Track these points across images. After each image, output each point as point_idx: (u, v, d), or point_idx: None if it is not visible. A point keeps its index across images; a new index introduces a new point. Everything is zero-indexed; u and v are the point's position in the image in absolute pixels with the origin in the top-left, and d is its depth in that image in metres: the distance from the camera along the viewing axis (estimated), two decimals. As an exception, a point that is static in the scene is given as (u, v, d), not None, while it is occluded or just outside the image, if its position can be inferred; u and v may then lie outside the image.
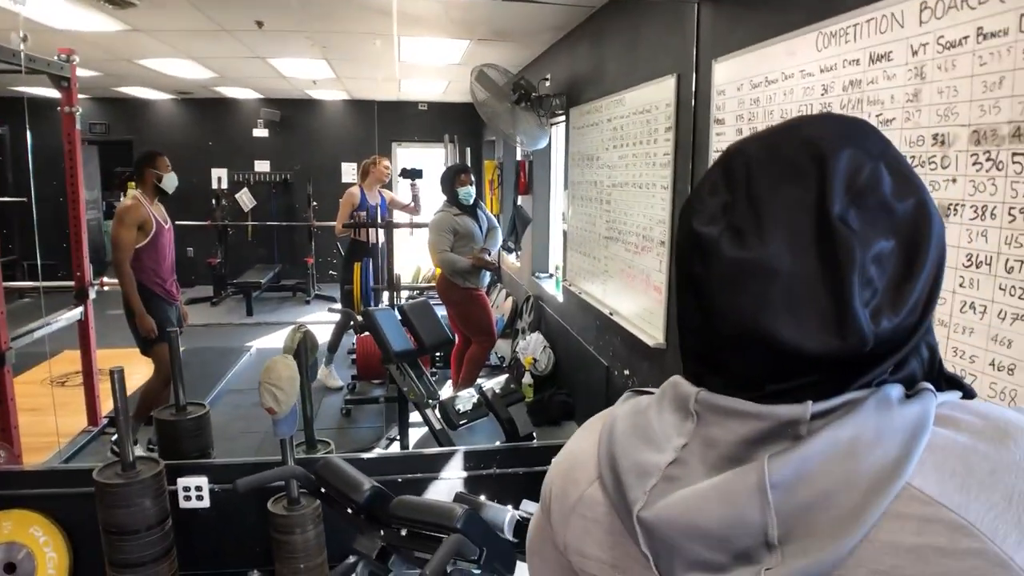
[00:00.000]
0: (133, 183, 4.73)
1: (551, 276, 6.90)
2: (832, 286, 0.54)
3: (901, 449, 0.54)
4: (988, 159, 1.56)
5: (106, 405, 4.80)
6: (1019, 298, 1.49)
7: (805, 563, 0.53)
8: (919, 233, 0.58)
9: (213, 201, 9.88)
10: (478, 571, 1.79)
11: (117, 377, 2.30)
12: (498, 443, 3.79)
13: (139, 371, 5.30)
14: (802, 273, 0.55)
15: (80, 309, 4.55)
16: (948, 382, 0.62)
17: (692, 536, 0.57)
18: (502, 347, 6.78)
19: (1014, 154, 1.49)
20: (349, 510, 1.99)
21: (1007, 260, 1.51)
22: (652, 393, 0.71)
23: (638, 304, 3.96)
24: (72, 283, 4.62)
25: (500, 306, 8.04)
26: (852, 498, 0.53)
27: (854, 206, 0.56)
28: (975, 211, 1.60)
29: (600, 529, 0.69)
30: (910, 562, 0.52)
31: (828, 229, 0.55)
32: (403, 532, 1.80)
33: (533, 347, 5.95)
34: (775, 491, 0.55)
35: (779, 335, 0.55)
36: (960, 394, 0.61)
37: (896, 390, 0.57)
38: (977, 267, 1.59)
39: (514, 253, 7.70)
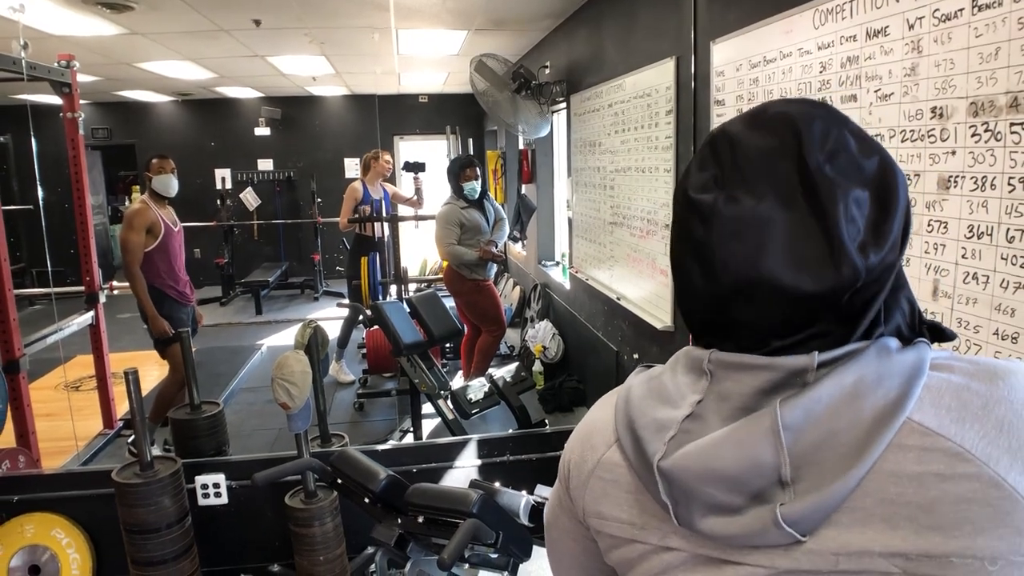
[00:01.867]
0: (137, 187, 4.76)
1: (557, 264, 6.92)
2: (822, 226, 0.60)
3: (901, 389, 0.59)
4: (986, 130, 1.56)
5: (121, 408, 4.85)
6: (1021, 267, 1.50)
7: (817, 497, 0.58)
8: (887, 181, 0.64)
9: (218, 201, 9.91)
10: (495, 555, 1.82)
11: (132, 378, 2.33)
12: (511, 431, 3.81)
13: (152, 373, 5.36)
14: (794, 219, 0.60)
15: (91, 314, 4.59)
16: (931, 330, 0.68)
17: (710, 480, 0.62)
18: (511, 336, 6.80)
19: (1012, 124, 1.50)
20: (366, 500, 2.02)
21: (1008, 230, 1.52)
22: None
23: (645, 288, 3.97)
24: (82, 288, 4.66)
25: (508, 295, 8.06)
26: (857, 434, 0.58)
27: (829, 162, 0.61)
28: (975, 182, 1.60)
29: (619, 489, 0.72)
30: (913, 489, 0.57)
31: (811, 180, 0.61)
32: (420, 519, 1.82)
33: (542, 335, 5.97)
34: (787, 432, 0.59)
35: (779, 277, 0.60)
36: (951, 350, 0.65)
37: (894, 341, 0.63)
38: (979, 238, 1.60)
39: (520, 242, 7.71)
